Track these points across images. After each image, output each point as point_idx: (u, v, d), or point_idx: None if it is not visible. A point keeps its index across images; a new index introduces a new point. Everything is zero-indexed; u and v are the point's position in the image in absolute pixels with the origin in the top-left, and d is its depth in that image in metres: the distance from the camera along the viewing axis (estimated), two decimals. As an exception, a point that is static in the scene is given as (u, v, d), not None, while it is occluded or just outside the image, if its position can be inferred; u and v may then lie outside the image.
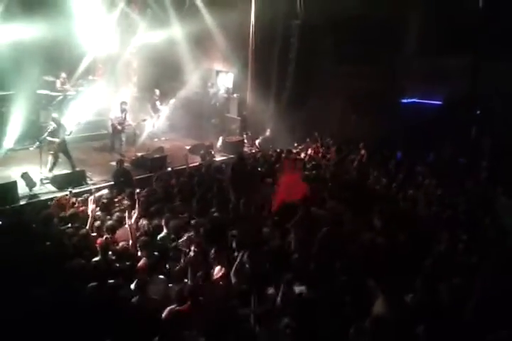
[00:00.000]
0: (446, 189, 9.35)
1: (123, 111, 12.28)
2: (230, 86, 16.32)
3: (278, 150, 12.67)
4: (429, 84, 13.65)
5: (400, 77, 14.46)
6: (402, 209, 8.29)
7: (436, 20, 13.45)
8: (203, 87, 16.49)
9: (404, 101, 14.49)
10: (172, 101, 14.83)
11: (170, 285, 5.49)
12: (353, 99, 14.19)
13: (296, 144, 13.39)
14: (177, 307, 4.80)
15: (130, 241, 6.31)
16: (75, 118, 12.23)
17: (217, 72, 16.34)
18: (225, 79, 16.47)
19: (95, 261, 5.83)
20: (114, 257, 6.01)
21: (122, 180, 9.83)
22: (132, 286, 5.32)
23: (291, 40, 14.91)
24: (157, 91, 14.55)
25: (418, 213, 8.22)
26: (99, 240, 6.22)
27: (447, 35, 12.94)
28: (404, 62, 14.49)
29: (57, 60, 12.69)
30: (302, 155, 12.33)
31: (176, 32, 14.80)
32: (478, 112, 12.77)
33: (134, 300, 5.04)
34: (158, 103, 14.48)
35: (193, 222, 7.09)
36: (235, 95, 16.02)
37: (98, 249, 6.03)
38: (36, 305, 4.75)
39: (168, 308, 4.78)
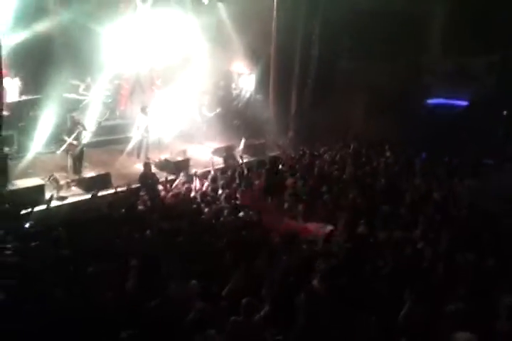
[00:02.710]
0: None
1: (147, 115, 12.40)
2: (253, 87, 16.31)
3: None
4: (455, 84, 13.39)
5: (425, 77, 14.24)
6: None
7: (462, 17, 13.19)
8: (225, 89, 16.50)
9: (430, 101, 14.25)
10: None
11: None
12: (376, 99, 14.03)
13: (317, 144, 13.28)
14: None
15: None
16: (97, 121, 12.43)
17: (240, 74, 16.32)
18: (247, 80, 16.47)
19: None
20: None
21: (149, 183, 10.00)
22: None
23: (312, 38, 14.78)
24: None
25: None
26: None
27: (473, 33, 12.69)
28: (429, 60, 14.27)
29: (85, 64, 12.80)
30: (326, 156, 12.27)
31: (196, 34, 14.68)
32: (505, 113, 12.48)
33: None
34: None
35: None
36: (257, 96, 16.00)
37: None
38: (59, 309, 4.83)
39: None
